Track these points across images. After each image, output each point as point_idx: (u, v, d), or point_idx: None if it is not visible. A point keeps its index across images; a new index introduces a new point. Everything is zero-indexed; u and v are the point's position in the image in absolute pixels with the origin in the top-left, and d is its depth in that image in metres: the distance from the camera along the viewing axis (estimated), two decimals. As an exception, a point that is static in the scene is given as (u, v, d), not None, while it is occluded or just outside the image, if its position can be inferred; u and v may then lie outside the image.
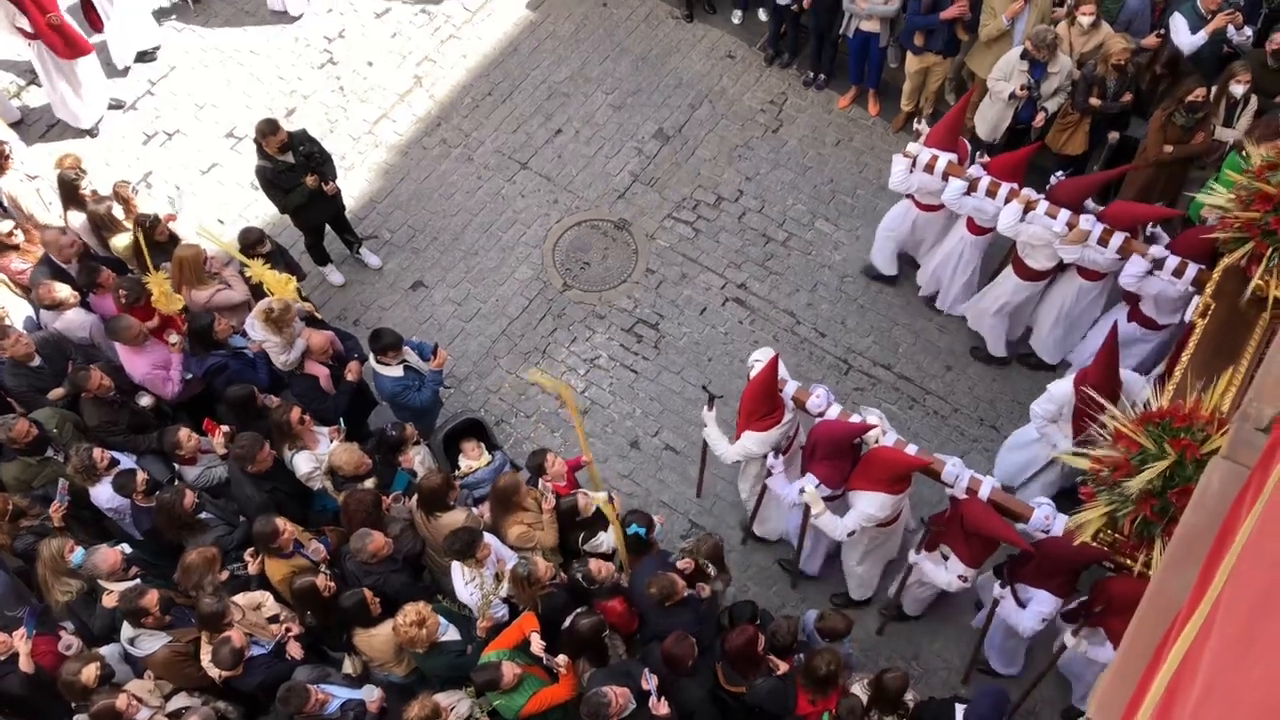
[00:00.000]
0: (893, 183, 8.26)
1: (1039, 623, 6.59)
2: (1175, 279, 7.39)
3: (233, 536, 7.09)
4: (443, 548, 6.66)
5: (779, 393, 6.98)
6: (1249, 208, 6.53)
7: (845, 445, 6.80)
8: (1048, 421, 7.25)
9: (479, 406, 8.81)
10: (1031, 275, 8.17)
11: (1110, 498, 5.59)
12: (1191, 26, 8.47)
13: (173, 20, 11.00)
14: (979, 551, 6.72)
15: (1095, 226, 7.51)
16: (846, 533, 6.92)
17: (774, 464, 7.09)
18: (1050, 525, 6.40)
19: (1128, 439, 5.52)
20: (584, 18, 10.99)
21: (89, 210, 8.28)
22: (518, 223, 9.77)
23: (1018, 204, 7.71)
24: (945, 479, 6.62)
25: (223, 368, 7.66)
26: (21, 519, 7.07)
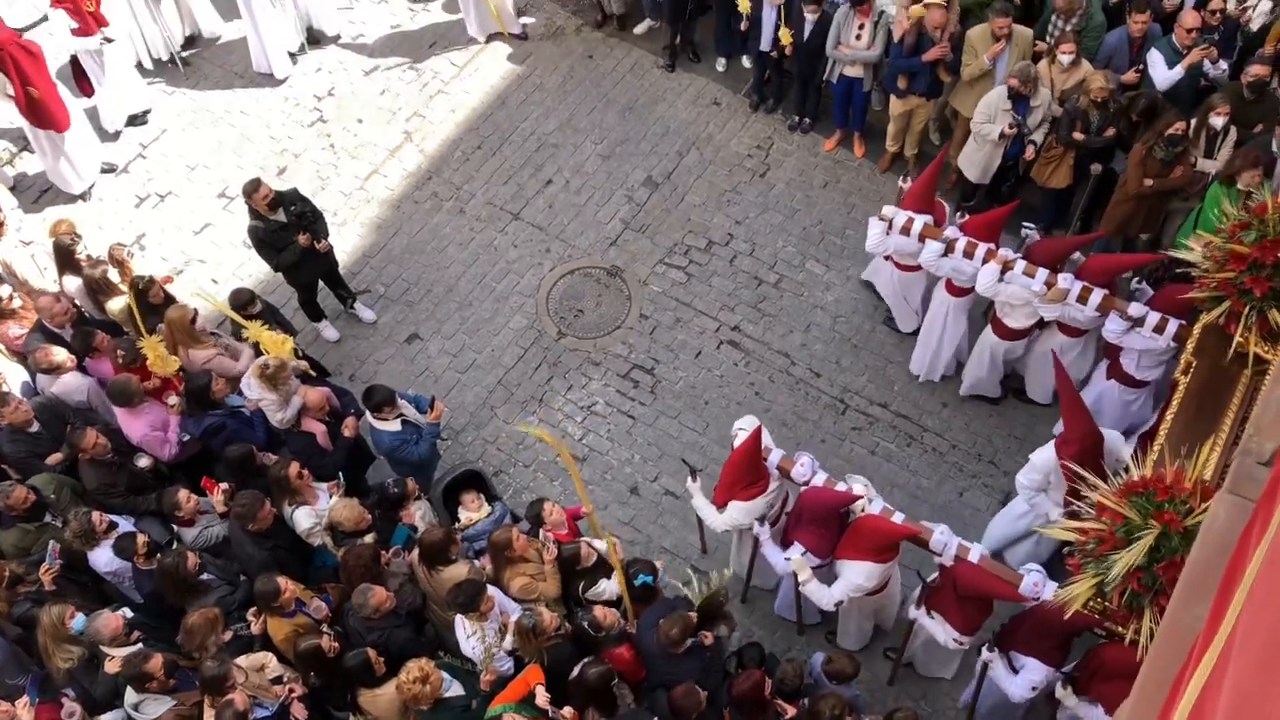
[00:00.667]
0: (869, 245, 8.34)
1: (1029, 690, 6.50)
2: (1156, 335, 7.42)
3: (234, 596, 7.06)
4: (446, 602, 6.64)
5: (763, 462, 6.95)
6: (1224, 267, 6.58)
7: (832, 514, 6.78)
8: (1035, 491, 7.21)
9: (477, 457, 8.81)
10: (1010, 335, 8.22)
11: (1097, 570, 5.55)
12: (1168, 62, 8.61)
13: (161, 83, 11.11)
14: (973, 617, 6.66)
15: (1074, 285, 7.56)
16: (834, 603, 6.88)
17: (760, 532, 7.07)
18: (1040, 592, 6.34)
19: (1111, 511, 5.49)
20: (570, 70, 11.13)
21: (84, 274, 8.32)
22: (511, 273, 9.83)
23: (995, 264, 7.74)
24: (933, 547, 6.59)
25: (220, 427, 7.67)
26: (19, 585, 7.04)
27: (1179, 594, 2.43)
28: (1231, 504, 2.40)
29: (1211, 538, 2.40)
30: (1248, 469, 2.39)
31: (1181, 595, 2.41)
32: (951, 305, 8.44)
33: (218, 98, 11.03)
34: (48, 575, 6.97)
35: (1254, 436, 2.44)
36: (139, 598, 7.22)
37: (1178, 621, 2.35)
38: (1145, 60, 8.77)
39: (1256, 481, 2.34)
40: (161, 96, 11.01)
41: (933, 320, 8.68)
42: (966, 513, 8.45)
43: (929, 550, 6.66)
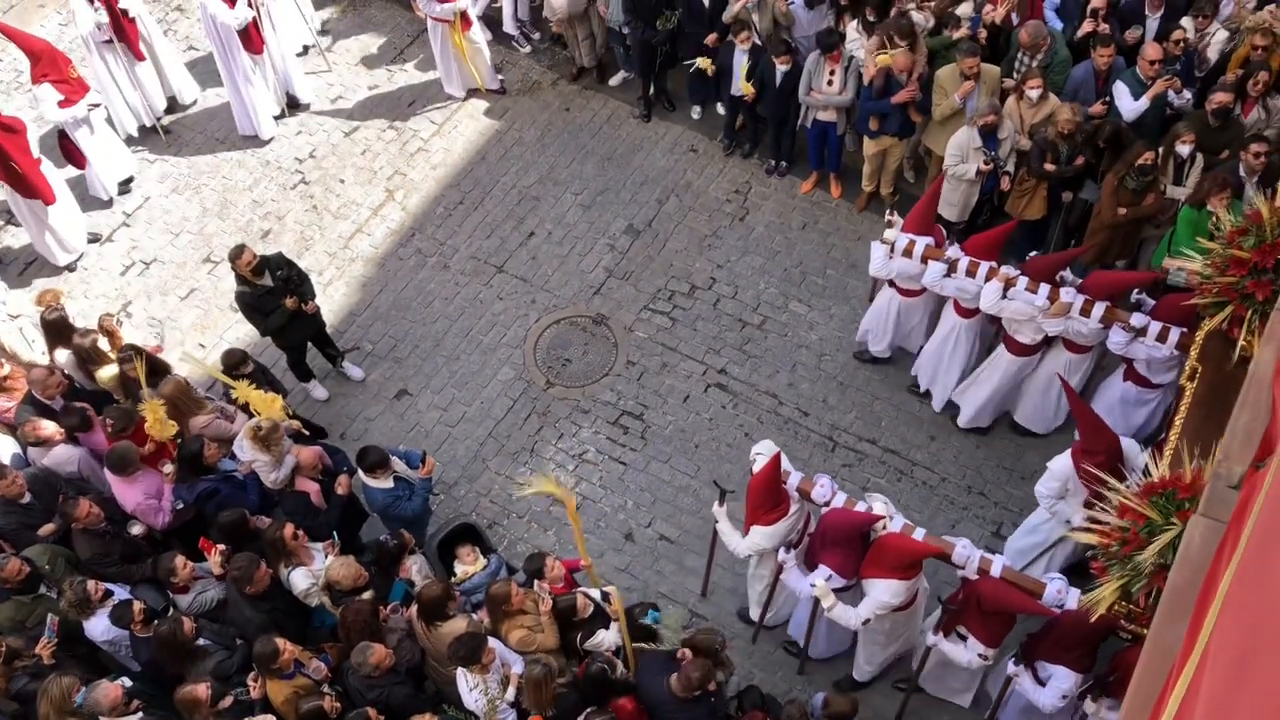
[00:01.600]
0: (873, 269, 8.41)
1: (1060, 699, 6.50)
2: (1160, 344, 7.55)
3: (232, 660, 7.05)
4: (446, 656, 6.64)
5: (783, 485, 6.98)
6: (1225, 273, 6.71)
7: (855, 534, 6.81)
8: (1055, 499, 7.26)
9: (470, 510, 8.83)
10: (1024, 350, 8.28)
11: (1122, 571, 5.60)
12: (1133, 93, 8.81)
13: (144, 151, 11.22)
14: (998, 630, 6.68)
15: (1076, 299, 7.69)
16: (861, 622, 6.88)
17: (785, 559, 7.06)
18: (1064, 599, 6.38)
19: (1133, 512, 5.55)
20: (548, 123, 11.30)
21: (74, 344, 8.36)
22: (497, 325, 9.92)
23: (997, 282, 7.86)
24: (956, 561, 6.62)
25: (214, 492, 7.67)
26: (16, 660, 7.00)
27: (1160, 614, 2.50)
28: (1205, 526, 2.48)
29: (1188, 559, 2.48)
30: (1219, 493, 2.48)
31: (1162, 615, 2.48)
32: (962, 326, 8.53)
33: (200, 164, 11.14)
34: (46, 650, 6.94)
35: (1223, 461, 2.53)
36: (137, 666, 7.20)
37: (1160, 640, 2.42)
38: (1111, 92, 8.97)
39: (1227, 504, 2.43)
40: (144, 164, 11.11)
41: (943, 342, 8.73)
42: (959, 545, 8.50)
43: (952, 565, 6.68)
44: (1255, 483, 2.30)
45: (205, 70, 11.59)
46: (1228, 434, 2.67)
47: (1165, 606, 2.47)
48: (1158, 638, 2.46)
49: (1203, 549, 2.43)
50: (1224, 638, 1.87)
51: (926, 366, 9.03)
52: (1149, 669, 2.39)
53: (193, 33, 12.15)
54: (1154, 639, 2.48)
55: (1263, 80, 8.53)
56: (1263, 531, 1.89)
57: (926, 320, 8.89)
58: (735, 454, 9.02)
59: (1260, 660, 1.77)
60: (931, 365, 8.97)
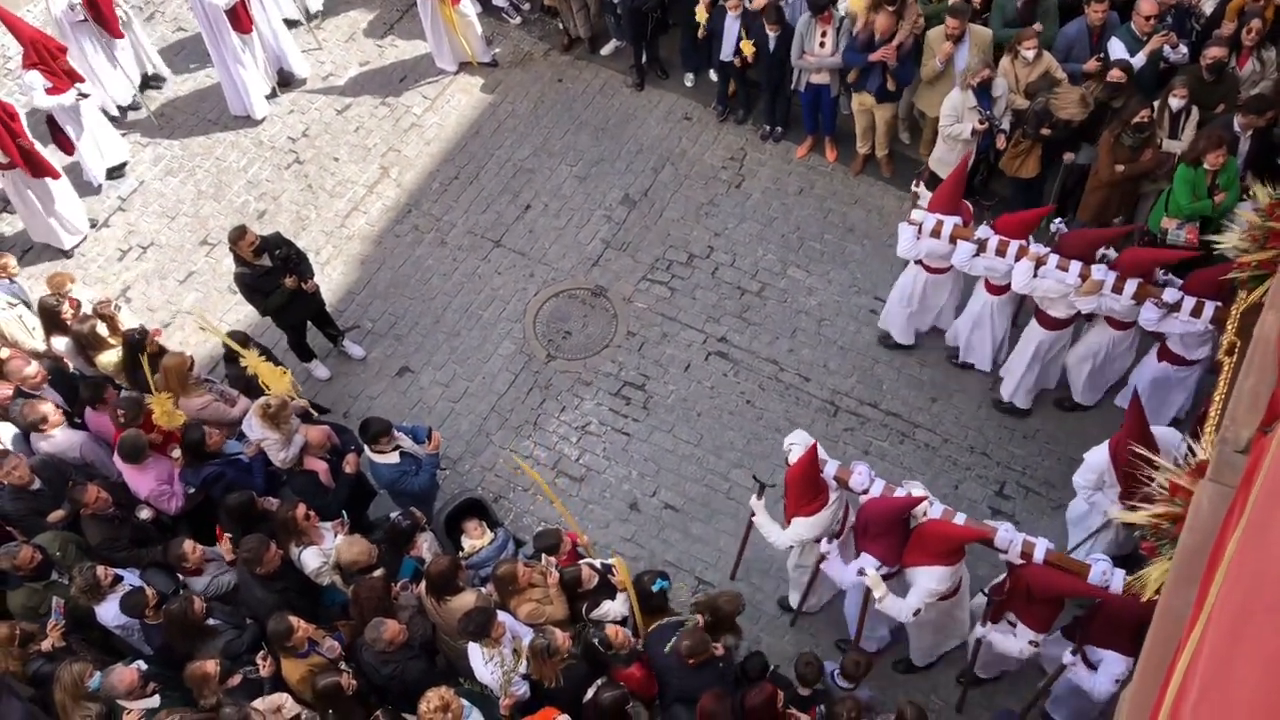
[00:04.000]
0: (901, 250, 8.34)
1: (1113, 685, 6.45)
2: (1194, 319, 7.48)
3: (242, 639, 7.10)
4: (457, 630, 6.70)
5: (820, 474, 6.93)
6: (1264, 246, 6.61)
7: (896, 521, 6.76)
8: (1093, 490, 7.23)
9: (476, 485, 8.88)
10: (1056, 325, 8.23)
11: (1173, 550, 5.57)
12: (1129, 49, 8.78)
13: (136, 135, 11.17)
14: (1046, 615, 6.64)
15: (1108, 276, 7.59)
16: (912, 613, 6.83)
17: (827, 549, 7.03)
18: (1109, 580, 6.33)
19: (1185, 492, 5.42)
20: (541, 95, 11.25)
21: (73, 331, 8.37)
22: (496, 300, 9.92)
23: (1028, 261, 7.79)
24: (998, 545, 6.56)
25: (219, 476, 7.69)
26: (32, 644, 7.06)
27: (1171, 579, 2.54)
28: (1214, 491, 2.51)
29: (1198, 525, 2.50)
30: (1227, 457, 2.50)
31: (1173, 580, 2.51)
32: (994, 304, 8.49)
33: (193, 145, 11.10)
34: (55, 632, 6.99)
35: (1230, 426, 2.55)
36: (149, 650, 7.25)
37: (1170, 605, 2.46)
38: (1106, 49, 8.93)
39: (1235, 469, 2.45)
40: (137, 147, 11.07)
41: (977, 319, 8.69)
42: (963, 505, 8.52)
43: (994, 548, 6.63)
44: (1263, 447, 2.33)
45: (195, 50, 11.52)
46: (1234, 398, 2.69)
47: (1176, 571, 2.50)
48: (1168, 603, 2.49)
49: (1211, 513, 2.45)
50: (1226, 599, 1.90)
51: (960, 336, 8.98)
52: (1160, 633, 2.42)
53: (180, 13, 12.06)
54: (1165, 604, 2.52)
55: (1256, 29, 8.48)
56: (1266, 494, 1.92)
57: (955, 297, 8.85)
58: (737, 421, 9.07)
59: (1257, 619, 1.80)
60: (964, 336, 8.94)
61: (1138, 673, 2.46)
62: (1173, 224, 8.20)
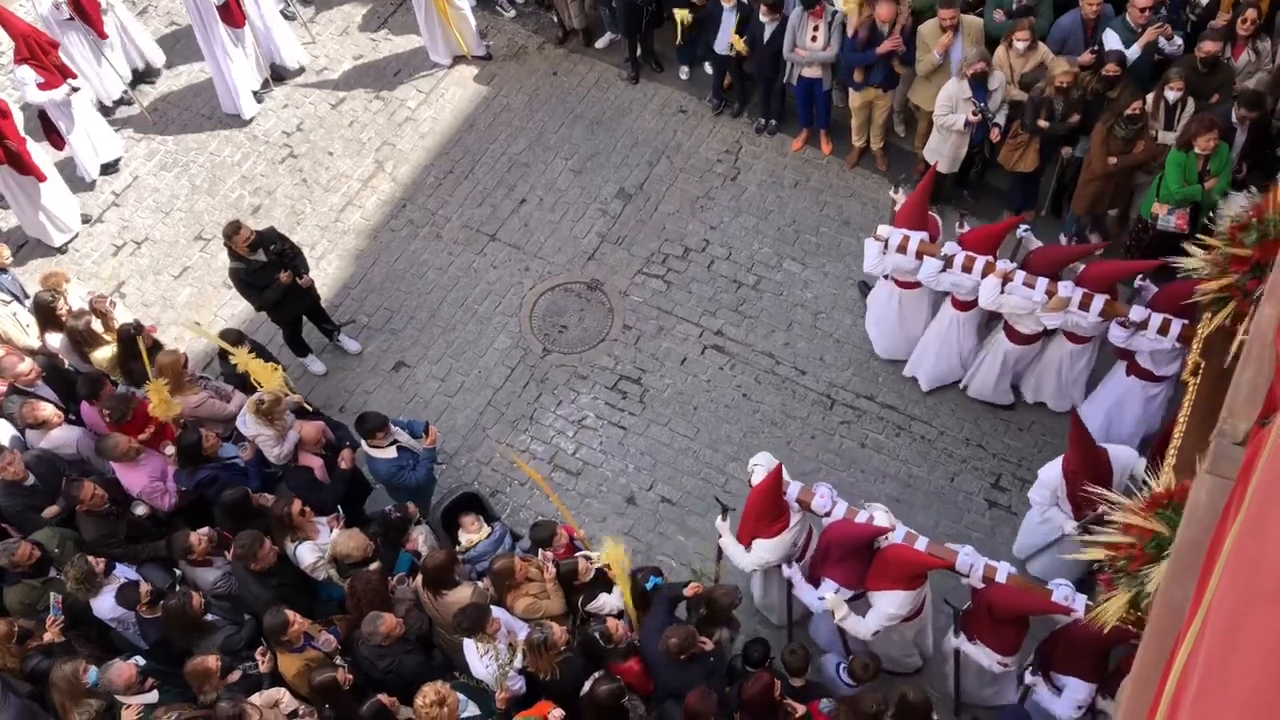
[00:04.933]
0: (867, 266, 8.34)
1: (1075, 710, 6.49)
2: (1161, 337, 7.42)
3: (240, 635, 7.11)
4: (452, 625, 6.70)
5: (784, 497, 6.91)
6: (1226, 270, 6.53)
7: (859, 547, 6.77)
8: (1047, 506, 7.21)
9: (473, 479, 8.88)
10: (1024, 340, 8.22)
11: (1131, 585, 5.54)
12: (1124, 41, 8.77)
13: (130, 131, 11.13)
14: (1011, 637, 6.66)
15: (1075, 292, 7.54)
16: (870, 633, 6.86)
17: (791, 573, 7.05)
18: (1072, 604, 6.32)
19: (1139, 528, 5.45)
20: (535, 88, 11.23)
21: (67, 327, 8.35)
22: (492, 294, 9.91)
23: (995, 278, 7.74)
24: (960, 569, 6.57)
25: (214, 479, 7.68)
26: (29, 640, 7.05)
27: (1169, 573, 2.54)
28: (1212, 484, 2.51)
29: (1196, 518, 2.51)
30: (1224, 450, 2.51)
31: (1171, 574, 2.52)
32: (960, 320, 8.45)
33: (187, 140, 11.07)
34: (54, 627, 7.00)
35: (1228, 418, 2.56)
36: (145, 645, 7.25)
37: (1169, 600, 2.46)
38: (1101, 41, 8.93)
39: (1233, 461, 2.46)
40: (130, 142, 11.04)
41: (943, 334, 8.65)
42: (959, 497, 8.58)
43: (957, 573, 6.63)
44: (1260, 440, 2.33)
45: (188, 45, 11.48)
46: (1231, 390, 2.70)
47: (1173, 565, 2.50)
48: (1166, 597, 2.50)
49: (1209, 507, 2.46)
50: (1226, 590, 1.90)
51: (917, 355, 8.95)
52: (1158, 628, 2.43)
53: (173, 7, 12.03)
54: (1162, 598, 2.53)
55: (1251, 19, 8.48)
56: (1264, 487, 1.92)
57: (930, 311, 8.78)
58: (734, 415, 9.07)
59: (1255, 611, 1.80)
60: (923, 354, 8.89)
61: (1136, 664, 2.47)
62: (1163, 209, 8.20)
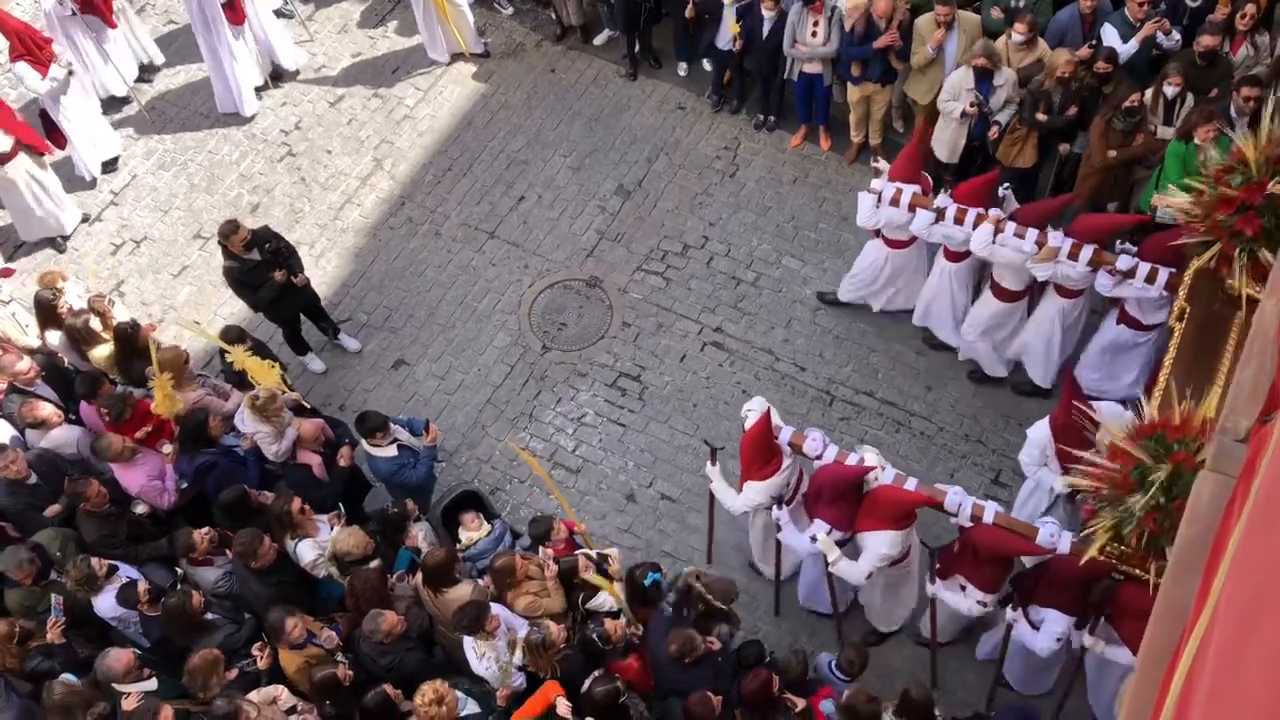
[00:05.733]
0: (860, 219, 8.40)
1: (1054, 643, 6.59)
2: (1148, 285, 7.53)
3: (240, 634, 7.10)
4: (452, 623, 6.70)
5: (775, 440, 7.03)
6: (1212, 211, 6.66)
7: (849, 488, 6.87)
8: (1038, 466, 7.30)
9: (472, 477, 8.88)
10: (1009, 296, 8.29)
11: (1114, 514, 5.66)
12: (1122, 36, 8.77)
13: (129, 129, 11.12)
14: (994, 576, 6.75)
15: (1064, 242, 7.65)
16: (864, 575, 6.96)
17: (779, 515, 7.12)
18: (1057, 543, 6.43)
19: (1124, 455, 5.58)
20: (533, 85, 11.21)
21: (66, 325, 8.35)
22: (491, 291, 9.90)
23: (988, 225, 7.85)
24: (948, 508, 6.67)
25: (213, 465, 7.69)
26: (30, 641, 7.05)
27: (1170, 571, 2.54)
28: (1214, 481, 2.51)
29: (1198, 515, 2.51)
30: (1227, 447, 2.51)
31: (1173, 572, 2.51)
32: (952, 271, 8.52)
33: (185, 139, 11.06)
34: (55, 629, 6.99)
35: (1230, 415, 2.56)
36: (146, 643, 7.24)
37: (1171, 598, 2.46)
38: (1099, 35, 8.92)
39: (1236, 458, 2.46)
40: (129, 141, 11.02)
41: (937, 289, 8.74)
42: (959, 493, 8.58)
43: (944, 512, 6.74)
44: (1263, 437, 2.33)
45: (186, 43, 11.47)
46: (1233, 388, 2.70)
47: (1175, 562, 2.50)
48: (1169, 595, 2.50)
49: (1212, 504, 2.46)
50: (1233, 589, 1.89)
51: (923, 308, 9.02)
52: (1161, 627, 2.43)
53: (171, 5, 12.01)
54: (1165, 596, 2.52)
55: (1250, 14, 8.49)
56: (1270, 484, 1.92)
57: (921, 272, 8.88)
58: (733, 411, 9.04)
59: (1267, 609, 1.80)
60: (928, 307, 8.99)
61: (1138, 665, 2.46)
62: (1163, 201, 8.19)
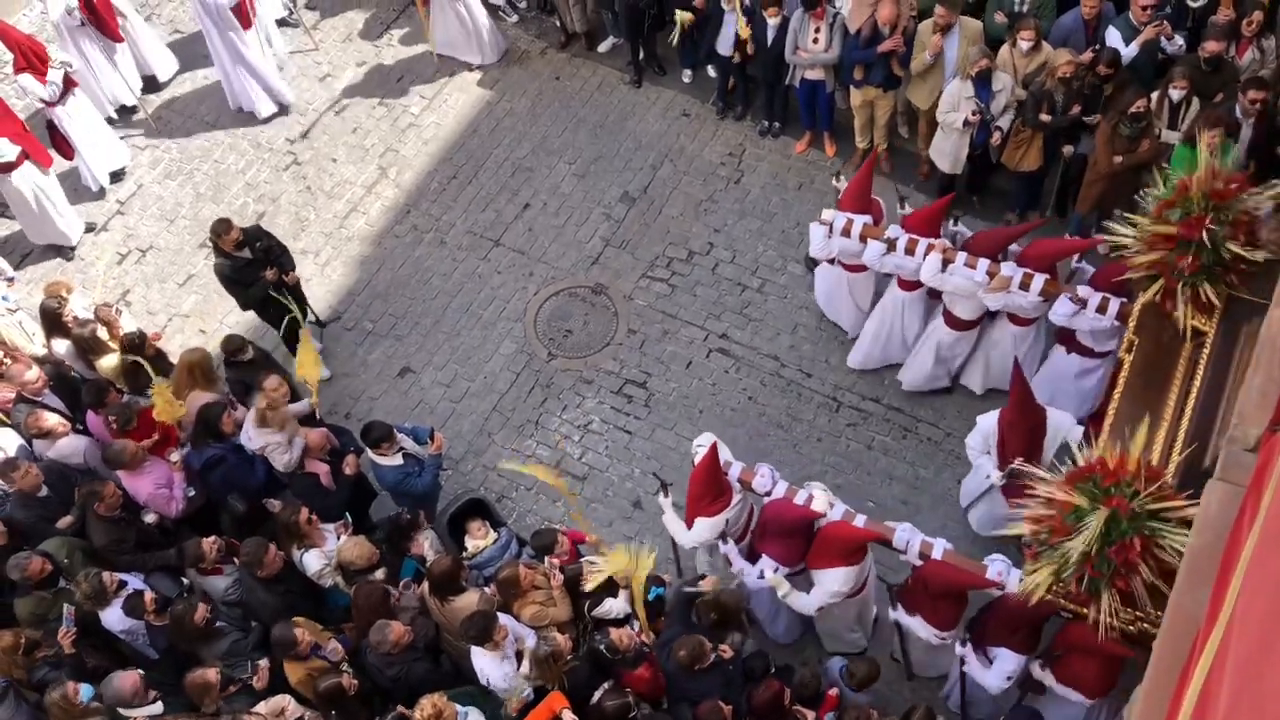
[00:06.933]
0: (813, 250, 8.43)
1: (1005, 681, 6.60)
2: (1100, 315, 7.52)
3: (247, 641, 7.11)
4: (459, 633, 6.69)
5: (724, 476, 7.01)
6: (1153, 248, 6.68)
7: (796, 527, 6.86)
8: (980, 453, 7.41)
9: (478, 485, 8.87)
10: (961, 325, 8.29)
11: (1053, 558, 5.68)
12: (1125, 39, 8.75)
13: (135, 138, 11.15)
14: (949, 613, 6.76)
15: (1016, 272, 7.63)
16: (815, 609, 6.98)
17: (727, 549, 7.12)
18: (1004, 579, 6.42)
19: (1061, 501, 5.60)
20: (539, 93, 11.22)
21: (73, 335, 8.37)
22: (496, 299, 9.91)
23: (937, 255, 7.80)
24: (897, 545, 6.68)
25: (220, 460, 7.68)
26: (37, 651, 7.05)
27: (1181, 581, 2.52)
28: (1223, 491, 2.49)
29: (1207, 524, 2.49)
30: (1235, 456, 2.49)
31: (1183, 582, 2.49)
32: (905, 300, 8.51)
33: (191, 148, 11.08)
34: (66, 639, 6.99)
35: (1239, 425, 2.54)
36: (154, 654, 7.24)
37: (1181, 607, 2.44)
38: (1103, 39, 8.90)
39: (1244, 468, 2.44)
40: (135, 150, 11.05)
41: (885, 315, 8.72)
42: (967, 499, 8.55)
43: (893, 549, 6.74)
44: (1273, 446, 2.31)
45: (192, 52, 11.50)
46: (1242, 396, 2.68)
47: (1185, 573, 2.48)
48: (1179, 605, 2.48)
49: (1221, 513, 2.44)
50: (1250, 604, 1.88)
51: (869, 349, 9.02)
52: (1172, 637, 2.41)
53: (176, 15, 12.05)
54: (1175, 606, 2.50)
55: (1257, 20, 8.47)
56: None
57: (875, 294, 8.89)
58: (739, 418, 9.06)
59: None
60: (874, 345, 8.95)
61: (1150, 670, 2.45)
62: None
